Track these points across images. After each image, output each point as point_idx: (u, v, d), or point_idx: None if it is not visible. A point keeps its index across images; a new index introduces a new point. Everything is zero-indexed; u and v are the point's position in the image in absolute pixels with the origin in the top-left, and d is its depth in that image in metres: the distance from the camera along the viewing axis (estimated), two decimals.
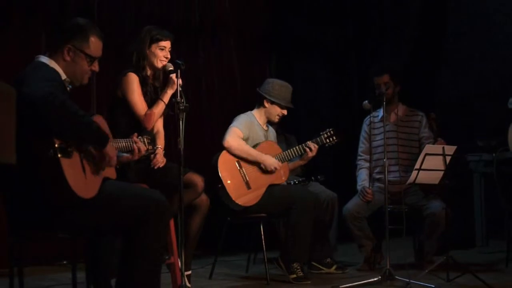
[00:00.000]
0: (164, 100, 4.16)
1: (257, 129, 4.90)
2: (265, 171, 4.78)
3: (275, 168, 4.77)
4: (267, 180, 4.78)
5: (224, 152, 4.71)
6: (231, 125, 4.83)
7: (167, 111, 4.23)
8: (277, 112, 4.91)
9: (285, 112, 4.93)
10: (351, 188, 5.39)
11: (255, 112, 4.98)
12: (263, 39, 7.22)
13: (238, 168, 4.72)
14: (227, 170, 4.67)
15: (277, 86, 4.90)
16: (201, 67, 6.56)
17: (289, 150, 4.90)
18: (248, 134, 4.83)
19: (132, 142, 3.54)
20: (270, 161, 4.77)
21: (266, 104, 4.91)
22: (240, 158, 4.73)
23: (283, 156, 4.86)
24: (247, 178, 4.72)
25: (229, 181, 4.65)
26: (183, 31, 6.21)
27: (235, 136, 4.75)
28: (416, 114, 5.29)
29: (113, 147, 3.09)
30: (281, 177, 4.86)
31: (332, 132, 4.98)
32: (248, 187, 4.70)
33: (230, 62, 6.91)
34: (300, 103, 4.91)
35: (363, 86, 7.72)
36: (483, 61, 7.03)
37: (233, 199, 4.63)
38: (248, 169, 4.73)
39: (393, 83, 5.16)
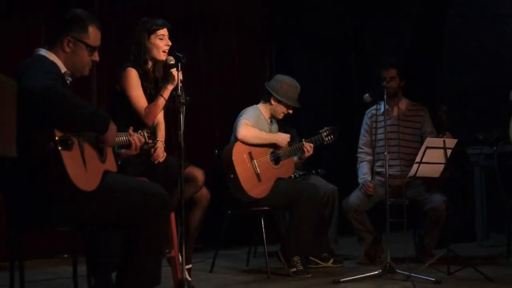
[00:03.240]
0: (164, 96, 4.10)
1: (263, 123, 4.93)
2: (274, 164, 4.81)
3: (288, 143, 4.84)
4: (276, 173, 4.81)
5: (237, 143, 4.72)
6: (241, 118, 4.84)
7: (168, 103, 4.20)
8: (282, 110, 4.94)
9: (290, 111, 4.95)
10: (351, 181, 5.39)
11: (261, 106, 4.98)
12: (264, 33, 7.20)
13: (250, 160, 4.73)
14: (240, 161, 4.69)
15: (285, 85, 4.90)
16: (201, 60, 6.55)
17: (288, 148, 4.91)
18: (256, 127, 4.84)
19: (128, 135, 3.46)
20: (282, 137, 4.86)
21: (273, 102, 4.92)
22: (254, 146, 4.75)
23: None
24: (258, 170, 4.73)
25: (242, 173, 4.66)
26: (184, 24, 6.19)
27: (247, 126, 4.77)
28: (419, 108, 5.29)
29: (113, 128, 3.07)
30: (287, 171, 4.89)
31: (329, 131, 4.99)
32: (259, 179, 4.72)
33: (230, 55, 6.90)
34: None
35: (362, 80, 7.72)
36: (483, 55, 7.03)
37: (245, 190, 4.64)
38: (259, 161, 4.75)
39: (399, 77, 5.15)
